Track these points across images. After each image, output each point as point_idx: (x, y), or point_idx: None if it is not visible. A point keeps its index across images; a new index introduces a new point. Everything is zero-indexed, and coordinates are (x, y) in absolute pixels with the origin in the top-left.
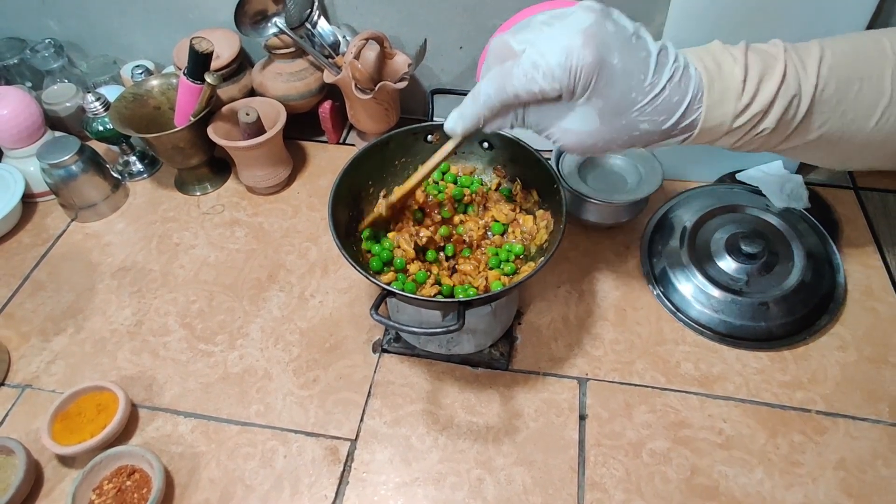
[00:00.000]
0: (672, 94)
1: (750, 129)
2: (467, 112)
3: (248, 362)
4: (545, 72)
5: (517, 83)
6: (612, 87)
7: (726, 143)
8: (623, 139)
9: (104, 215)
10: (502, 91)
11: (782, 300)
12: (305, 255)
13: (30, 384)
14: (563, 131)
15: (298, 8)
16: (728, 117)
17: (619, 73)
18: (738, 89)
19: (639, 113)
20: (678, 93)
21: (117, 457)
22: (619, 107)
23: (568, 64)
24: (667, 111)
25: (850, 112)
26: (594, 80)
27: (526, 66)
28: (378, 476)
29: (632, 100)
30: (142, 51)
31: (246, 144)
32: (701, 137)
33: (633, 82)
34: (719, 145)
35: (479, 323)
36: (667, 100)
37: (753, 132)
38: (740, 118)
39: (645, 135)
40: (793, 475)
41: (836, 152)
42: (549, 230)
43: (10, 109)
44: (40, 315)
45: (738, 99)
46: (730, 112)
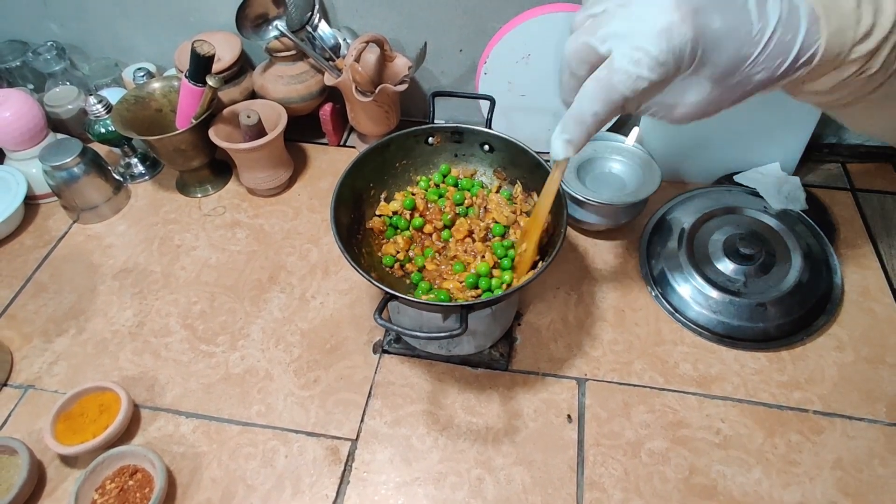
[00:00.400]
0: (784, 32)
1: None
2: (576, 136)
3: (249, 363)
4: (650, 65)
5: (623, 88)
6: (720, 51)
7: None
8: (735, 97)
9: (106, 217)
10: (610, 103)
11: (780, 301)
12: (306, 257)
13: (32, 385)
14: (670, 107)
15: (299, 11)
16: (846, 47)
17: (723, 35)
18: (854, 17)
19: (752, 65)
20: (790, 30)
21: (120, 457)
22: (730, 68)
23: (671, 46)
24: (782, 53)
25: None
26: (700, 51)
27: (627, 68)
28: (378, 476)
29: (743, 56)
30: (143, 53)
31: (247, 147)
32: (815, 72)
33: (742, 36)
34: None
35: (479, 324)
36: (779, 41)
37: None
38: (858, 48)
39: (760, 84)
40: (790, 475)
41: None
42: (549, 233)
43: (12, 112)
44: (42, 316)
45: (855, 27)
46: (849, 41)
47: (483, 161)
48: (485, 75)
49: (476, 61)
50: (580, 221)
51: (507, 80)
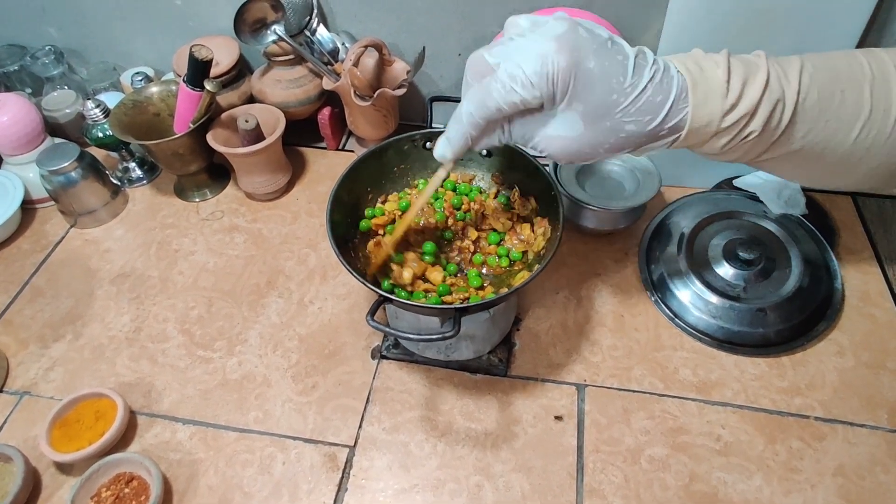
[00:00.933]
0: (655, 93)
1: (738, 132)
2: (453, 136)
3: (246, 369)
4: (523, 82)
5: (497, 96)
6: (591, 90)
7: (715, 147)
8: (609, 143)
9: (103, 221)
10: (483, 107)
11: (780, 306)
12: (304, 262)
13: (28, 391)
14: (548, 139)
15: (298, 15)
16: (716, 116)
17: (596, 76)
18: (722, 89)
19: (622, 114)
20: (661, 92)
21: (115, 464)
22: (600, 108)
23: (544, 71)
24: (651, 111)
25: (833, 122)
26: (571, 83)
27: (503, 79)
28: (377, 483)
29: (613, 101)
30: (141, 57)
31: (245, 151)
32: (690, 139)
33: (613, 83)
34: (706, 151)
35: (477, 329)
36: (650, 99)
37: (741, 135)
38: (728, 117)
39: (632, 137)
40: (791, 482)
41: (817, 167)
42: (546, 237)
43: (10, 116)
44: (39, 321)
45: (723, 98)
46: (717, 111)
47: (481, 165)
48: None
49: None
50: (579, 226)
51: None
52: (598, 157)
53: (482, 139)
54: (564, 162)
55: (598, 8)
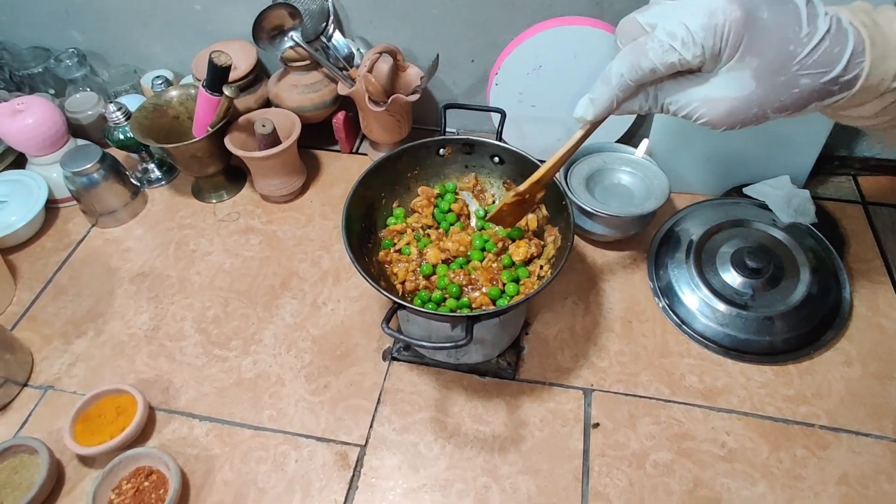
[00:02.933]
0: (832, 44)
1: None
2: (599, 96)
3: (261, 368)
4: (684, 39)
5: (653, 56)
6: (767, 41)
7: (873, 109)
8: (780, 100)
9: (123, 221)
10: (637, 68)
11: (787, 315)
12: (318, 264)
13: (52, 385)
14: (709, 102)
15: (314, 22)
16: (890, 73)
17: (771, 26)
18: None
19: (799, 66)
20: (838, 43)
21: (136, 458)
22: (776, 62)
23: (713, 23)
24: (829, 62)
25: None
26: (746, 36)
27: (661, 37)
28: (387, 482)
29: (790, 52)
30: (161, 61)
31: (261, 155)
32: (857, 97)
33: (789, 33)
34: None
35: (487, 333)
36: (827, 50)
37: None
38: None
39: (804, 92)
40: (795, 489)
41: None
42: (556, 245)
43: (35, 118)
44: (62, 318)
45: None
46: (892, 69)
47: (493, 172)
48: (496, 86)
49: (487, 72)
50: (589, 232)
51: (517, 90)
52: (761, 120)
53: (627, 103)
54: (724, 127)
55: (610, 18)
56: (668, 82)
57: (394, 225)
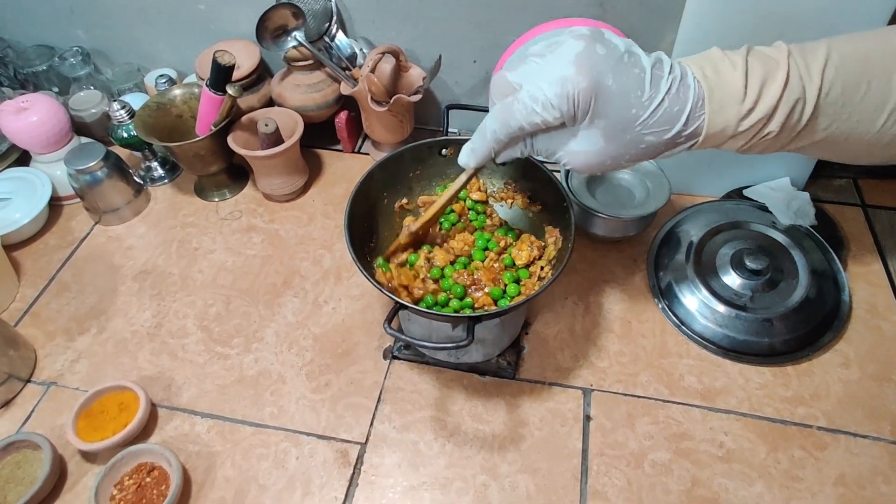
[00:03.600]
0: (672, 104)
1: (755, 133)
2: (477, 147)
3: (262, 366)
4: (543, 103)
5: (519, 117)
6: (611, 106)
7: (733, 147)
8: (630, 154)
9: (126, 219)
10: (506, 126)
11: (786, 316)
12: (320, 262)
13: (55, 381)
14: (571, 154)
15: (317, 22)
16: (732, 122)
17: (615, 93)
18: (739, 95)
19: (642, 127)
20: (678, 102)
21: (138, 454)
22: (620, 123)
23: (564, 92)
24: (669, 122)
25: (856, 115)
26: (592, 102)
27: (525, 100)
28: (386, 479)
29: (633, 115)
30: (165, 59)
31: (264, 154)
32: (707, 143)
33: (632, 98)
34: (726, 149)
35: (487, 333)
36: (667, 111)
37: (759, 136)
38: (745, 121)
39: (651, 147)
40: (792, 490)
41: (843, 151)
42: (557, 247)
43: (39, 116)
44: (65, 315)
45: (740, 103)
46: (733, 117)
47: (494, 173)
48: None
49: (489, 72)
50: (589, 233)
51: None
52: (619, 168)
53: (505, 151)
54: (588, 173)
55: (612, 19)
56: (540, 135)
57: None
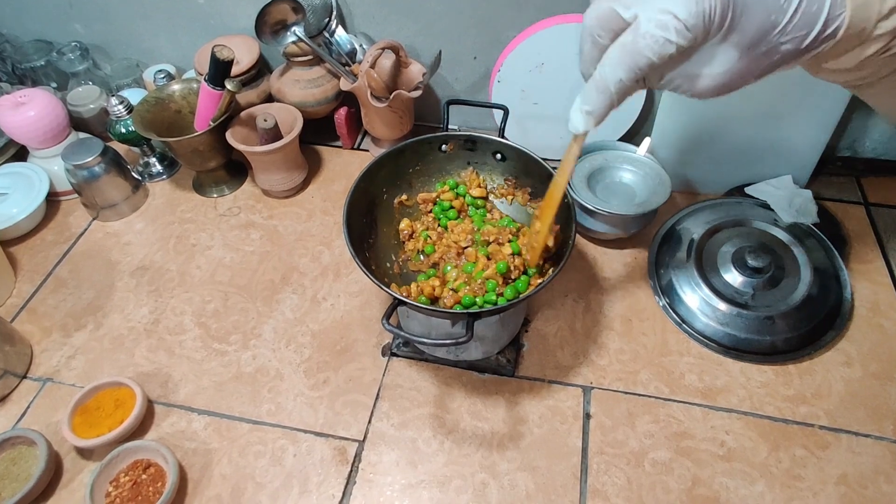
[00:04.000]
0: (810, 4)
1: (886, 43)
2: (597, 106)
3: (260, 362)
4: (677, 28)
5: (650, 53)
6: (749, 17)
7: (852, 61)
8: (762, 68)
9: (124, 215)
10: (635, 69)
11: (788, 315)
12: (318, 259)
13: (51, 378)
14: (694, 78)
15: (317, 17)
16: (871, 21)
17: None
18: None
19: (780, 34)
20: (816, 1)
21: (134, 451)
22: (758, 34)
23: (700, 9)
24: (808, 24)
25: None
26: (730, 15)
27: (654, 32)
28: (385, 477)
29: (772, 23)
30: (164, 55)
31: (263, 149)
32: (838, 47)
33: (769, 3)
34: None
35: (486, 330)
36: (806, 12)
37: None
38: (884, 23)
39: (786, 56)
40: (794, 489)
41: None
42: (557, 243)
43: (37, 111)
44: (62, 311)
45: (881, 1)
46: (873, 15)
47: (495, 169)
48: (498, 83)
49: (490, 69)
50: (590, 230)
51: (520, 88)
52: (744, 85)
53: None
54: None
55: None
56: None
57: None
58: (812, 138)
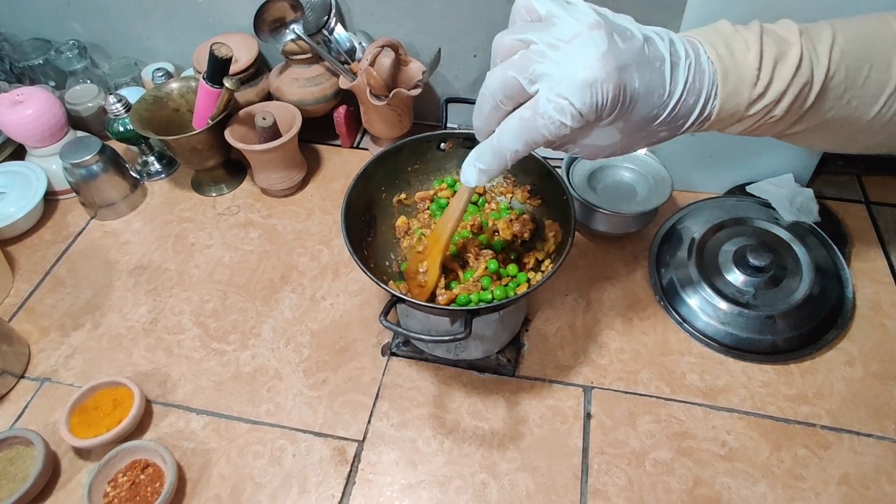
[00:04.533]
0: (689, 97)
1: (761, 118)
2: (491, 167)
3: (259, 362)
4: (573, 114)
5: (546, 132)
6: (635, 110)
7: (733, 131)
8: (641, 145)
9: (122, 214)
10: (531, 143)
11: (789, 314)
12: (317, 258)
13: (49, 377)
14: (582, 147)
15: (316, 15)
16: (742, 106)
17: (640, 95)
18: (752, 77)
19: (659, 123)
20: (694, 93)
21: (132, 451)
22: (641, 124)
23: (593, 102)
24: (685, 115)
25: (856, 99)
26: (618, 108)
27: (551, 113)
28: (384, 477)
29: (653, 116)
30: (162, 53)
31: (262, 148)
32: (712, 127)
33: (654, 99)
34: (727, 132)
35: (486, 329)
36: (685, 104)
37: (763, 120)
38: (754, 106)
39: (662, 138)
40: (795, 489)
41: (834, 138)
42: (557, 240)
43: (34, 109)
44: (59, 310)
45: (752, 87)
46: (744, 101)
47: None
48: None
49: (489, 67)
50: (590, 229)
51: None
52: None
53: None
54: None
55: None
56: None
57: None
58: None
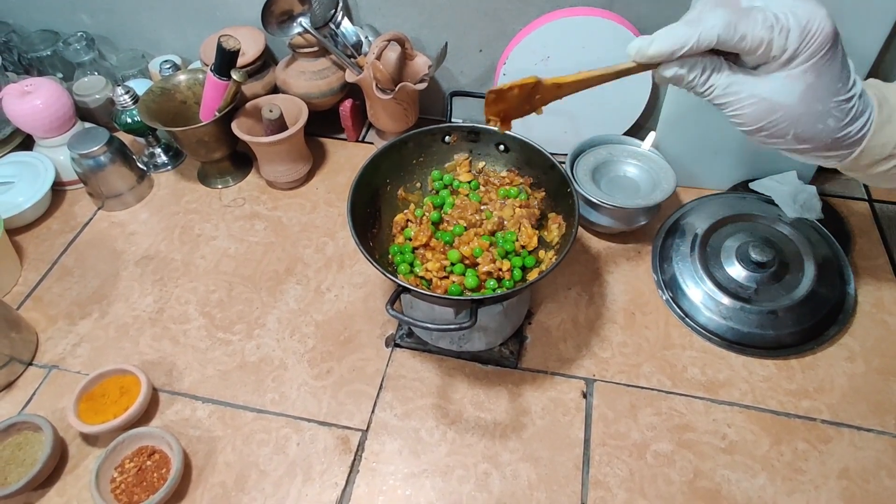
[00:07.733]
0: (858, 102)
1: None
2: (678, 34)
3: (264, 352)
4: (783, 27)
5: (754, 26)
6: (831, 67)
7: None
8: (803, 128)
9: (129, 205)
10: (731, 28)
11: (791, 309)
12: (322, 250)
13: (56, 365)
14: (754, 99)
15: (323, 8)
16: (893, 140)
17: (839, 57)
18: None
19: (835, 105)
20: (861, 104)
21: (139, 437)
22: (826, 88)
23: (808, 28)
24: (851, 113)
25: None
26: (822, 52)
27: (769, 15)
28: (387, 466)
29: (837, 89)
30: (170, 46)
31: (268, 140)
32: (862, 157)
33: (843, 72)
34: (869, 174)
35: (490, 321)
36: (855, 103)
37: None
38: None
39: (824, 132)
40: (795, 482)
41: None
42: (561, 233)
43: (43, 100)
44: (67, 299)
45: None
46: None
47: (498, 160)
48: (503, 76)
49: (495, 62)
50: (594, 224)
51: None
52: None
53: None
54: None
55: (619, 7)
56: (726, 68)
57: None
58: None
